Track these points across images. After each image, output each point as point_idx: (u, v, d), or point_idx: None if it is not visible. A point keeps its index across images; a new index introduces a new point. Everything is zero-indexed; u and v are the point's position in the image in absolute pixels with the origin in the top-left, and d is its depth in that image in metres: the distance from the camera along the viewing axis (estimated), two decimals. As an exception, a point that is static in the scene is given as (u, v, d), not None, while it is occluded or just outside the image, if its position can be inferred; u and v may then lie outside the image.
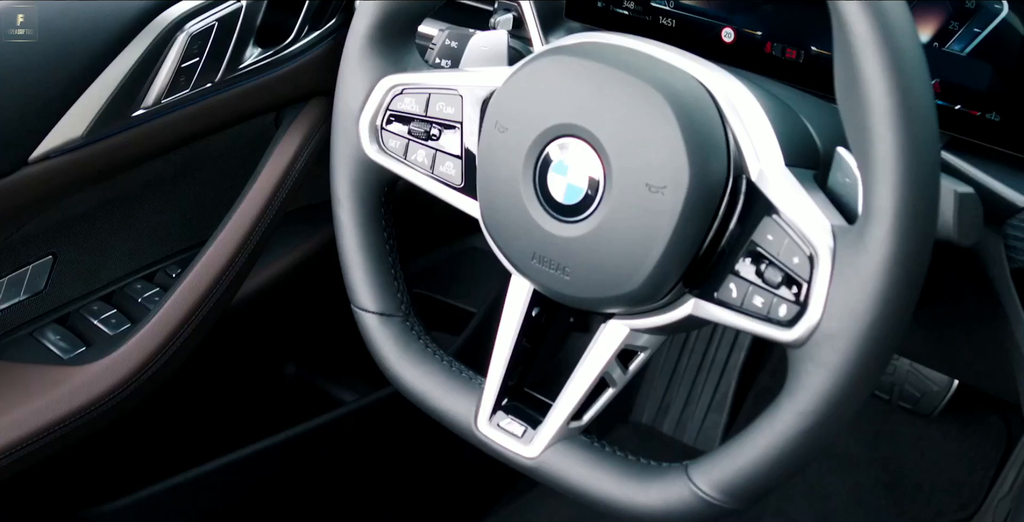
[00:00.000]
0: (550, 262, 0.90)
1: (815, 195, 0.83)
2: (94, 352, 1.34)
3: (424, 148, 1.02)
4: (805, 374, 0.81)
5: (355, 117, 1.04)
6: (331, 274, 1.28)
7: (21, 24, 1.16)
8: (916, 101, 0.75)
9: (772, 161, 0.85)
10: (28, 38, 1.18)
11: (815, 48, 1.07)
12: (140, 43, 1.21)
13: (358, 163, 1.05)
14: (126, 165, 1.30)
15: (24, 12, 1.17)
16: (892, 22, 0.74)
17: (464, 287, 1.90)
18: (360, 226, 1.07)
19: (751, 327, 0.84)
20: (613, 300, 0.89)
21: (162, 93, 1.25)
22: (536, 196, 0.91)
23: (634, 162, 0.85)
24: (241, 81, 1.34)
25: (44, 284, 1.36)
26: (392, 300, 1.07)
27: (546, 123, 0.89)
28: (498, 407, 0.99)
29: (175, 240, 1.49)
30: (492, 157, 0.93)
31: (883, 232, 0.76)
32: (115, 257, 1.44)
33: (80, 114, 1.20)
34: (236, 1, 1.28)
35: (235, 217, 1.40)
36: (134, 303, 1.41)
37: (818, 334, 0.79)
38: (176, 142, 1.33)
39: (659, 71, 0.88)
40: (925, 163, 0.75)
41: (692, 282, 0.87)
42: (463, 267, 1.92)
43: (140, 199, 1.44)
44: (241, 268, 1.41)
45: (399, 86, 1.03)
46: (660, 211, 0.84)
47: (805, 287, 0.80)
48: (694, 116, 0.84)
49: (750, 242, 0.84)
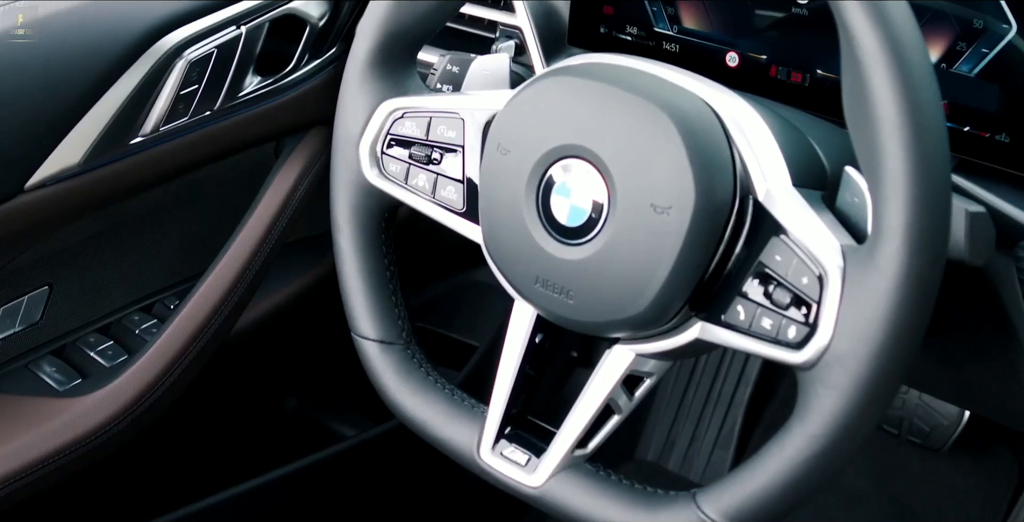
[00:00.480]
0: (553, 286, 0.89)
1: (823, 215, 0.82)
2: (90, 384, 1.32)
3: (425, 172, 1.01)
4: (815, 397, 0.79)
5: (355, 141, 1.03)
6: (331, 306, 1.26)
7: (21, 24, 1.16)
8: (926, 116, 0.73)
9: (779, 181, 0.83)
10: (28, 38, 1.17)
11: (821, 71, 1.06)
12: (138, 69, 1.20)
13: (358, 188, 1.04)
14: (124, 194, 1.29)
15: (24, 12, 1.16)
16: (901, 37, 0.73)
17: (467, 321, 1.89)
18: (360, 252, 1.05)
19: (760, 350, 0.82)
20: (618, 324, 0.88)
21: (160, 120, 1.24)
22: (539, 218, 0.89)
23: (639, 182, 0.83)
24: (241, 109, 1.32)
25: (40, 315, 1.34)
26: (393, 327, 1.06)
27: (549, 144, 0.88)
28: (501, 435, 0.97)
29: (174, 271, 1.48)
30: (494, 180, 0.92)
31: (894, 250, 0.75)
32: (112, 288, 1.42)
33: (77, 141, 1.18)
34: (236, 28, 1.27)
35: (233, 247, 1.39)
36: (131, 335, 1.40)
37: (828, 355, 0.78)
38: (175, 171, 1.32)
39: (663, 91, 0.86)
40: (936, 179, 0.74)
41: (698, 305, 0.86)
42: (466, 301, 1.91)
43: (138, 229, 1.42)
44: (239, 299, 1.39)
45: (400, 110, 1.02)
46: (665, 232, 0.82)
47: (814, 308, 0.79)
48: (699, 135, 0.83)
49: (758, 263, 0.82)
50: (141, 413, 1.31)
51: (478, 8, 1.31)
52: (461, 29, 1.34)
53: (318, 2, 1.35)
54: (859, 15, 0.74)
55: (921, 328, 0.77)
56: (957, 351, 1.20)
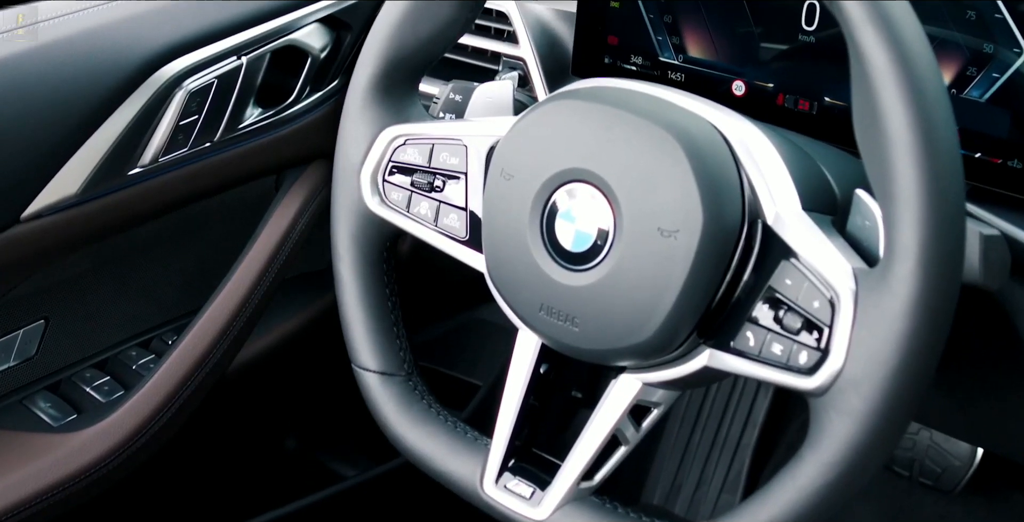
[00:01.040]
0: (558, 313, 0.87)
1: (834, 239, 0.80)
2: (85, 419, 1.30)
3: (427, 200, 0.99)
4: (828, 423, 0.77)
5: (356, 169, 1.02)
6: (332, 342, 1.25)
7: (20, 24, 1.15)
8: (939, 134, 0.72)
9: (789, 204, 0.82)
10: (28, 38, 1.16)
11: (829, 99, 1.05)
12: (138, 99, 1.19)
13: (359, 216, 1.03)
14: (122, 225, 1.27)
15: (24, 12, 1.15)
16: (912, 53, 0.72)
17: (470, 360, 1.87)
18: (361, 282, 1.04)
19: (770, 376, 0.80)
20: (625, 351, 0.86)
21: (159, 151, 1.22)
22: (543, 244, 0.88)
23: (645, 206, 0.82)
24: (241, 141, 1.31)
25: (35, 350, 1.32)
26: (394, 358, 1.04)
27: (553, 169, 0.87)
28: (505, 468, 0.96)
29: (172, 305, 1.46)
30: (498, 206, 0.91)
31: (908, 271, 0.73)
32: (109, 322, 1.40)
33: (75, 171, 1.17)
34: (237, 58, 1.26)
35: (232, 281, 1.37)
36: (129, 370, 1.38)
37: (841, 380, 0.76)
38: (174, 203, 1.30)
39: (669, 113, 0.85)
40: (949, 198, 0.73)
41: (707, 332, 0.84)
42: (469, 339, 1.89)
43: (136, 262, 1.41)
44: (238, 334, 1.37)
45: (402, 137, 1.00)
46: (673, 256, 0.81)
47: (826, 332, 0.77)
48: (707, 157, 0.82)
49: (767, 288, 0.81)
50: (136, 450, 1.29)
51: (481, 39, 1.31)
52: (464, 61, 1.33)
53: (320, 34, 1.34)
54: (869, 32, 0.73)
55: (936, 352, 0.75)
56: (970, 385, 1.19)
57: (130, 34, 1.20)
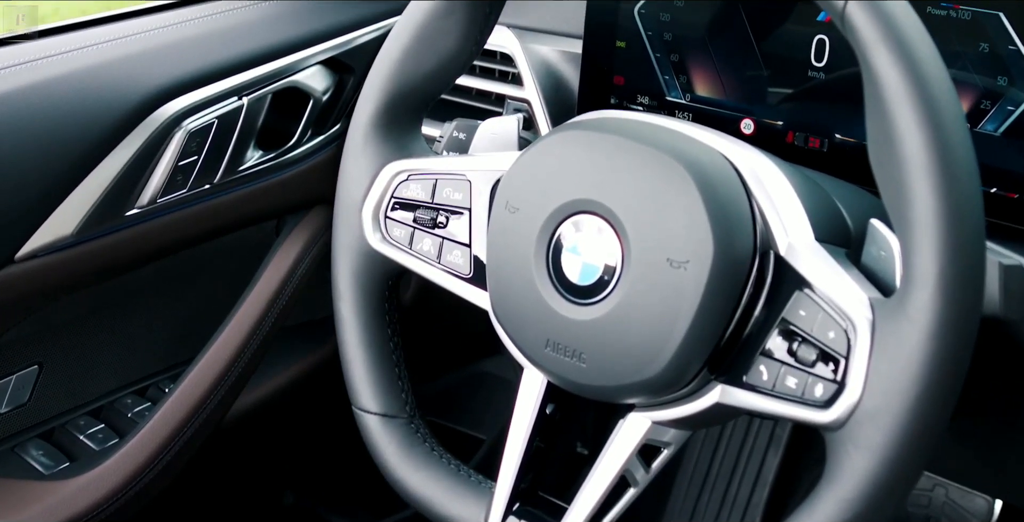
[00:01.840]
0: (565, 349, 0.85)
1: (849, 270, 0.78)
2: (77, 467, 1.27)
3: (430, 236, 0.97)
4: (846, 458, 0.74)
5: (358, 205, 1.00)
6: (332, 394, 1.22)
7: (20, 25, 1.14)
8: (955, 155, 0.70)
9: (801, 235, 0.80)
10: (29, 38, 1.14)
11: (840, 136, 1.04)
12: (136, 138, 1.17)
13: (360, 254, 1.01)
14: (119, 268, 1.25)
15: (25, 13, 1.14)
16: (927, 73, 0.71)
17: (474, 414, 1.85)
18: (362, 321, 1.02)
19: (784, 411, 0.78)
20: (633, 388, 0.83)
21: (158, 192, 1.20)
22: (549, 278, 0.86)
23: (654, 236, 0.80)
24: (241, 184, 1.29)
25: (28, 396, 1.30)
26: (395, 400, 1.01)
27: (559, 200, 0.85)
28: (509, 512, 0.93)
29: (170, 352, 1.43)
30: (502, 240, 0.89)
31: (926, 297, 0.71)
32: (105, 369, 1.38)
33: (71, 211, 1.15)
34: (237, 99, 1.25)
35: (228, 328, 1.35)
36: (124, 418, 1.35)
37: (859, 413, 0.74)
38: (172, 246, 1.28)
39: (678, 142, 0.84)
40: (968, 221, 0.71)
41: (718, 367, 0.82)
42: (473, 393, 1.87)
43: (133, 307, 1.38)
44: (234, 383, 1.35)
45: (404, 172, 0.99)
46: (683, 287, 0.79)
47: (843, 363, 0.75)
48: (717, 187, 0.80)
49: (781, 319, 0.79)
50: (129, 499, 1.26)
51: (485, 81, 1.30)
52: (468, 103, 1.32)
53: (322, 76, 1.33)
54: (883, 53, 0.71)
55: (958, 382, 0.72)
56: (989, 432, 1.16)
57: (130, 72, 1.19)
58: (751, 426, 1.98)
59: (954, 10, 0.95)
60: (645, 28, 1.14)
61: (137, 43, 1.22)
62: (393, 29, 0.97)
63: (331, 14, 1.35)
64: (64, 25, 1.23)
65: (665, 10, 1.12)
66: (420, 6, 0.95)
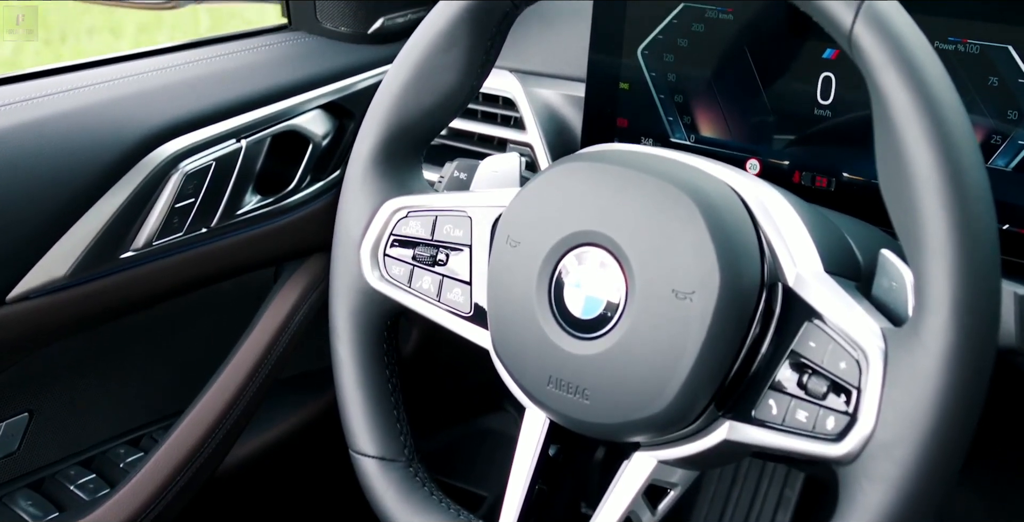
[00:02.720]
0: (568, 385, 0.83)
1: (859, 301, 0.76)
2: (66, 518, 1.24)
3: (430, 274, 0.95)
4: (860, 492, 0.72)
5: (356, 243, 0.98)
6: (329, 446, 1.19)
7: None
8: (967, 175, 0.69)
9: (810, 265, 0.78)
10: (26, 78, 1.13)
11: (847, 174, 1.02)
12: (132, 179, 1.14)
13: (359, 293, 0.99)
14: (113, 312, 1.22)
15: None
16: (936, 94, 0.70)
17: (476, 470, 1.80)
18: (360, 362, 0.99)
19: (794, 446, 0.75)
20: (638, 425, 0.81)
21: (154, 235, 1.18)
22: (551, 313, 0.84)
23: (658, 267, 0.78)
24: (239, 229, 1.27)
25: (17, 445, 1.26)
26: (394, 443, 0.99)
27: (561, 232, 0.83)
28: (510, 557, 0.90)
29: (164, 402, 1.40)
30: (503, 275, 0.87)
31: (941, 323, 0.68)
32: (97, 418, 1.34)
33: (65, 252, 1.12)
34: (236, 141, 1.23)
35: (222, 377, 1.33)
36: (116, 468, 1.32)
37: (872, 445, 0.71)
38: (167, 291, 1.25)
39: (683, 172, 0.82)
40: (983, 243, 0.69)
41: (725, 402, 0.80)
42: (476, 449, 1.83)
43: (127, 353, 1.35)
44: (228, 433, 1.32)
45: (404, 209, 0.97)
46: (689, 319, 0.77)
47: (854, 394, 0.73)
48: (723, 216, 0.78)
49: (790, 352, 0.77)
50: (117, 551, 1.22)
51: (487, 126, 1.29)
52: (470, 148, 1.30)
53: (322, 121, 1.32)
54: (891, 74, 0.70)
55: (974, 412, 0.70)
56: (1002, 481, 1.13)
57: (127, 112, 1.17)
58: (759, 486, 1.94)
59: (962, 44, 0.94)
60: (648, 69, 1.13)
61: (134, 83, 1.21)
62: (393, 64, 0.96)
63: (332, 58, 1.34)
64: (60, 67, 1.22)
65: (669, 50, 1.11)
66: (420, 41, 0.94)
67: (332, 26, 1.36)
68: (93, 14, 3.92)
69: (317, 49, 1.36)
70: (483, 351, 0.92)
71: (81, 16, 3.92)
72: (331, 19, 1.36)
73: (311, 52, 1.35)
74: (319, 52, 1.35)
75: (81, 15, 3.91)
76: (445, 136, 1.33)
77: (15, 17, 1.17)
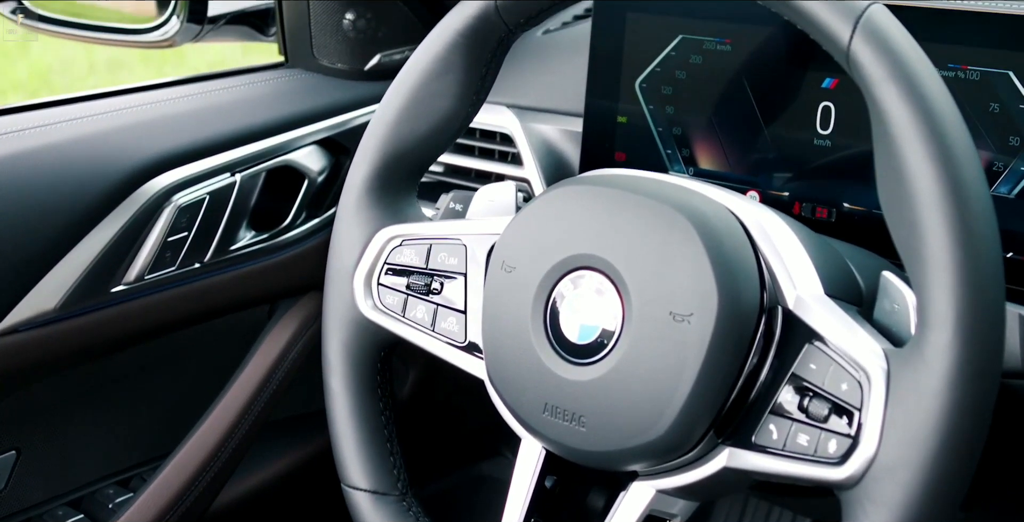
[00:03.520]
0: (564, 412, 0.81)
1: (861, 324, 0.75)
2: (51, 558, 1.21)
3: (424, 303, 0.94)
4: (863, 517, 0.70)
5: (349, 272, 0.96)
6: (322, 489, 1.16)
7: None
8: (969, 189, 0.68)
9: (810, 288, 0.77)
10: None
11: (848, 205, 1.01)
12: (124, 211, 1.13)
13: (352, 323, 0.97)
14: (103, 348, 1.20)
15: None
16: (936, 108, 0.69)
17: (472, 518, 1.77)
18: (352, 393, 0.97)
19: (795, 471, 0.74)
20: (636, 452, 0.79)
21: (146, 268, 1.17)
22: (547, 338, 0.82)
23: (655, 289, 0.77)
24: (232, 265, 1.26)
25: (4, 484, 1.24)
26: (387, 477, 0.96)
27: (556, 257, 0.82)
28: (506, 593, 0.87)
29: (154, 441, 1.38)
30: (498, 301, 0.85)
31: (944, 340, 0.67)
32: (86, 457, 1.32)
33: (54, 284, 1.11)
34: (231, 175, 1.22)
35: (212, 417, 1.31)
36: (105, 509, 1.30)
37: (875, 468, 0.69)
38: (159, 328, 1.24)
39: (679, 194, 0.81)
40: (985, 258, 0.67)
41: (725, 429, 0.78)
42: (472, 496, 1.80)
43: (118, 391, 1.34)
44: (216, 475, 1.30)
45: (398, 237, 0.95)
46: (687, 342, 0.75)
47: (856, 415, 0.71)
48: (721, 237, 0.77)
49: (791, 375, 0.75)
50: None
51: (485, 162, 1.28)
52: (467, 184, 1.29)
53: (318, 156, 1.31)
54: (891, 89, 0.69)
55: (981, 432, 0.68)
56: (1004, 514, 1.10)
57: (121, 143, 1.16)
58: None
59: (962, 71, 0.93)
60: (646, 102, 1.12)
61: (128, 115, 1.20)
62: (388, 91, 0.95)
63: (328, 94, 1.34)
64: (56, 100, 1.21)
65: (667, 83, 1.10)
66: (415, 67, 0.93)
67: (329, 63, 1.36)
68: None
69: (314, 85, 1.36)
70: (480, 395, 0.90)
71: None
72: (328, 56, 1.36)
73: (308, 88, 1.35)
74: (315, 88, 1.35)
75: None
76: (441, 173, 1.32)
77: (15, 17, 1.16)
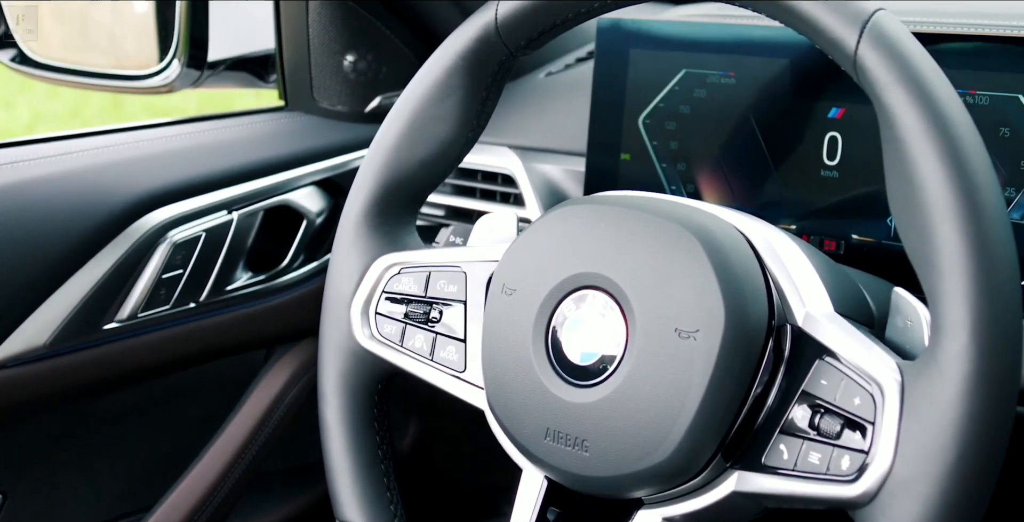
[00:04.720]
0: (566, 437, 0.78)
1: (873, 340, 0.72)
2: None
3: (423, 332, 0.91)
4: None
5: (346, 301, 0.94)
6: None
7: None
8: (982, 195, 0.66)
9: (820, 306, 0.75)
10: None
11: (856, 236, 0.99)
12: (119, 246, 1.11)
13: (348, 354, 0.94)
14: (94, 388, 1.18)
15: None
16: (945, 110, 0.68)
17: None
18: (348, 426, 0.94)
19: (807, 491, 0.71)
20: (641, 477, 0.76)
21: (139, 306, 1.14)
22: (548, 361, 0.80)
23: (660, 306, 0.75)
24: (228, 307, 1.23)
25: (-11, 528, 1.20)
26: (384, 513, 0.93)
27: (558, 277, 0.80)
28: None
29: (144, 488, 1.34)
30: (498, 325, 0.83)
31: (959, 348, 0.65)
32: (73, 503, 1.28)
33: (45, 319, 1.08)
34: (227, 213, 1.20)
35: (201, 466, 1.28)
36: (91, 560, 1.25)
37: (891, 483, 0.66)
38: (151, 369, 1.21)
39: (685, 211, 0.79)
40: (1000, 263, 0.65)
41: (734, 452, 0.75)
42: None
43: (108, 434, 1.30)
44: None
45: (396, 265, 0.93)
46: (693, 359, 0.73)
47: (870, 429, 0.68)
48: (728, 254, 0.75)
49: (801, 393, 0.72)
50: None
51: (487, 203, 1.26)
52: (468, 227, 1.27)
53: (316, 197, 1.30)
54: (900, 93, 0.68)
55: (1000, 444, 0.66)
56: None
57: (116, 177, 1.15)
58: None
59: (971, 95, 0.92)
60: (650, 138, 1.11)
61: (125, 150, 1.19)
62: (387, 116, 0.93)
63: (328, 135, 1.33)
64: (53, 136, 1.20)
65: (671, 118, 1.09)
66: (414, 92, 0.92)
67: (329, 105, 1.35)
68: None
69: (313, 126, 1.35)
70: (480, 452, 0.87)
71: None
72: (328, 98, 1.35)
73: (307, 129, 1.34)
74: (315, 129, 1.34)
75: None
76: (443, 215, 1.30)
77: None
